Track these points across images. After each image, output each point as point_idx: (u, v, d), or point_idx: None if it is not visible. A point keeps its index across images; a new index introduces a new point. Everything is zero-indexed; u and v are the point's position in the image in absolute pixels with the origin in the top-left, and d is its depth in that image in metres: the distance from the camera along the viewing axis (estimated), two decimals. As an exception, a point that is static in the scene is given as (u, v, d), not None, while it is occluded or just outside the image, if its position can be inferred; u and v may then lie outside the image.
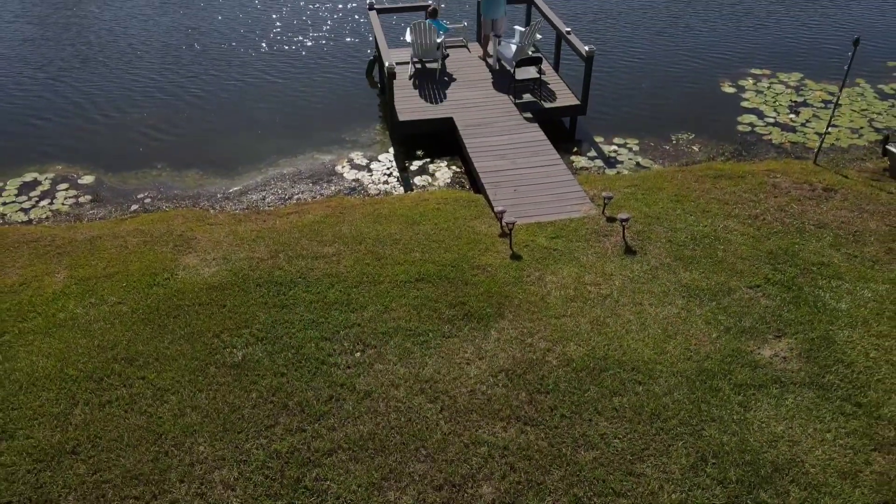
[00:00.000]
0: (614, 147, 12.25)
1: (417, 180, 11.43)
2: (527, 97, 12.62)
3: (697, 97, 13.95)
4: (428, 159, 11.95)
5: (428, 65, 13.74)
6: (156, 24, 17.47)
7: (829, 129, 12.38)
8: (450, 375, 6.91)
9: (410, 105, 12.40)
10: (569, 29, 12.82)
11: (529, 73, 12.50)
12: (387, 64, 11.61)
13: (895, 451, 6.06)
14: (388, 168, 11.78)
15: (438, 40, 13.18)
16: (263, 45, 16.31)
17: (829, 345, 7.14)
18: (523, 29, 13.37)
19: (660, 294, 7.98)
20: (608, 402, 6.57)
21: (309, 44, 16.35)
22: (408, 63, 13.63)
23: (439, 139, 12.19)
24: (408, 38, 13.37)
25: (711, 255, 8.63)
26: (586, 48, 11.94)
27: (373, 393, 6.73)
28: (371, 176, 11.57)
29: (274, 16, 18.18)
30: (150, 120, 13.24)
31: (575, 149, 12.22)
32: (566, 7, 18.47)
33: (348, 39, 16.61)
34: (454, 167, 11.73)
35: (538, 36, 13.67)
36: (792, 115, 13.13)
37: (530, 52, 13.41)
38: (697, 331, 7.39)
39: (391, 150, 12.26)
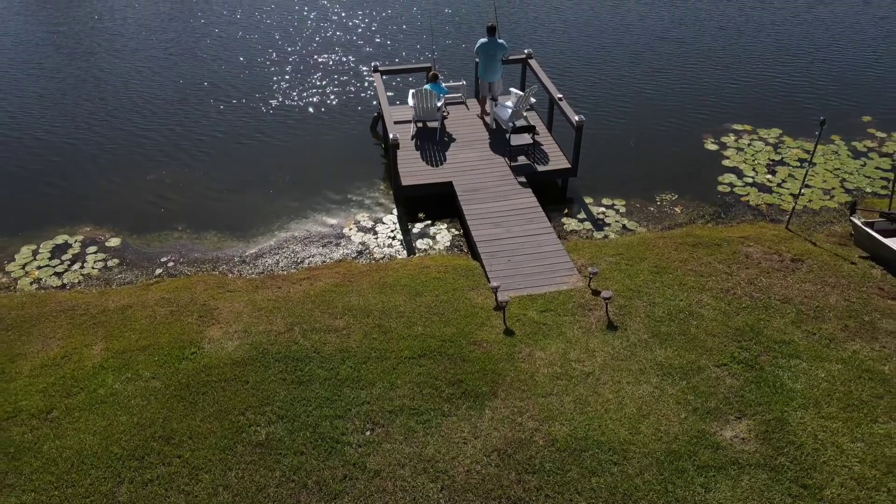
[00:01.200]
0: (602, 209, 13.18)
1: (419, 243, 12.36)
2: (521, 159, 13.56)
3: (682, 155, 14.87)
4: (429, 221, 12.89)
5: (429, 124, 14.66)
6: (167, 79, 18.35)
7: (802, 191, 13.33)
8: (449, 455, 7.86)
9: (412, 168, 13.33)
10: (560, 95, 13.75)
11: (524, 139, 13.43)
12: (391, 136, 12.54)
13: (833, 531, 7.03)
14: (392, 230, 12.71)
15: (439, 104, 14.09)
16: (272, 102, 17.23)
17: (782, 426, 8.08)
18: (520, 93, 14.28)
19: (637, 372, 8.92)
20: (587, 482, 7.52)
21: (315, 100, 17.22)
22: (410, 122, 14.56)
23: (440, 200, 13.13)
24: (410, 102, 14.29)
25: (685, 331, 9.58)
26: (576, 118, 12.87)
27: (381, 472, 7.68)
28: (376, 239, 12.51)
29: (280, 72, 19.10)
30: (167, 179, 14.18)
31: (566, 210, 13.15)
32: (559, 61, 19.39)
33: (353, 95, 17.50)
34: (453, 230, 12.66)
35: (532, 100, 14.60)
36: (769, 176, 14.06)
37: (524, 114, 14.35)
38: (668, 411, 8.34)
39: (395, 211, 13.19)
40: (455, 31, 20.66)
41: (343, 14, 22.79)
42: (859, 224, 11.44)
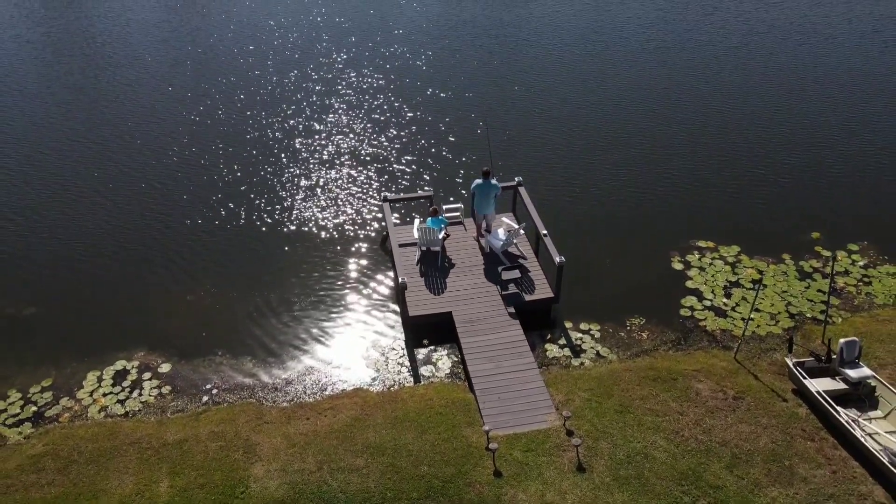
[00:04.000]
0: (580, 334, 15.42)
1: (423, 370, 14.61)
2: (512, 288, 15.80)
3: (651, 275, 17.01)
4: (432, 347, 15.14)
5: (432, 248, 16.88)
6: (180, 196, 20.50)
7: (752, 315, 15.57)
8: None
9: (418, 299, 15.57)
10: (545, 232, 15.99)
11: (513, 274, 15.69)
12: (400, 280, 14.80)
13: None
14: (400, 357, 14.96)
15: (440, 235, 16.32)
16: (290, 227, 19.39)
17: (709, 571, 10.39)
18: (513, 226, 16.49)
19: (598, 515, 11.22)
20: None
21: (328, 225, 19.09)
22: (415, 245, 16.79)
23: (442, 325, 15.36)
24: (415, 233, 16.52)
25: (640, 474, 11.85)
26: (558, 259, 15.11)
27: None
28: (387, 365, 14.76)
29: (293, 193, 21.28)
30: (204, 301, 16.40)
31: (549, 336, 15.39)
32: (545, 181, 21.56)
33: (361, 220, 19.55)
34: (453, 356, 14.91)
35: (521, 232, 16.84)
36: (725, 300, 16.30)
37: (515, 241, 16.60)
38: (621, 554, 10.64)
39: (402, 336, 15.44)
40: (454, 158, 22.34)
41: (352, 140, 24.95)
42: (791, 365, 13.68)
